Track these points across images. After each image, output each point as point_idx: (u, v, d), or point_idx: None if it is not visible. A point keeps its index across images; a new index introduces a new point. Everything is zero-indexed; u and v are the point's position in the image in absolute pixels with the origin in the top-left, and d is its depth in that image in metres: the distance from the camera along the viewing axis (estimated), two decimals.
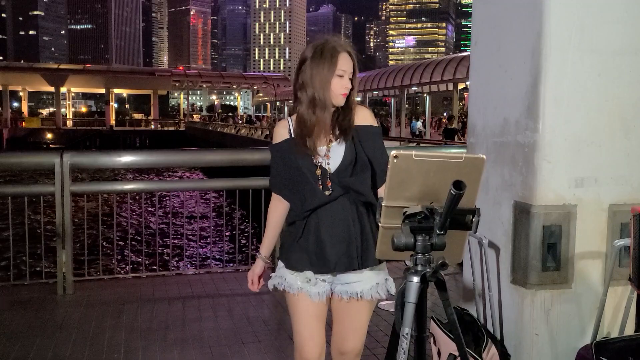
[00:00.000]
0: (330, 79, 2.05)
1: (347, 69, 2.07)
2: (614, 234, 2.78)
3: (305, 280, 2.09)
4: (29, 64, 71.64)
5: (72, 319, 4.02)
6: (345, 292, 2.10)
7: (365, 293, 2.09)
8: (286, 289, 2.14)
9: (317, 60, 2.07)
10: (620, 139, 2.77)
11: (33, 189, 5.08)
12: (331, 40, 2.10)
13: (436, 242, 1.38)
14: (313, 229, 2.06)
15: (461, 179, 1.27)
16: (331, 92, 2.06)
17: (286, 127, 2.17)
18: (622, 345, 2.54)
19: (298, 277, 2.11)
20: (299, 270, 2.10)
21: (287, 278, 2.13)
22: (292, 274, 2.12)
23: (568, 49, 2.66)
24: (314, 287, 2.09)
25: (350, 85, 2.08)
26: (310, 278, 2.09)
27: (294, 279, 2.11)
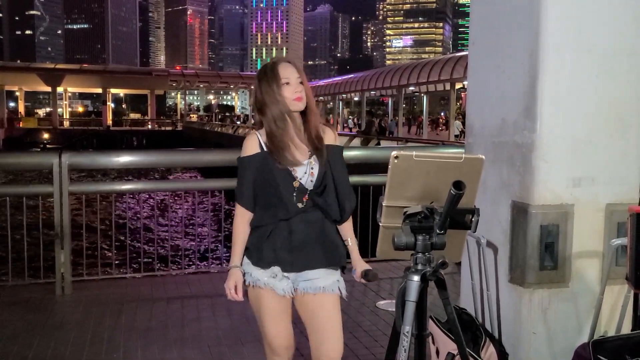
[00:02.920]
0: (278, 91, 2.16)
1: (290, 75, 2.18)
2: (611, 234, 2.80)
3: (271, 276, 2.19)
4: (26, 64, 71.57)
5: (71, 319, 4.03)
6: (310, 288, 2.20)
7: (328, 287, 2.20)
8: (252, 282, 2.22)
9: (262, 80, 2.20)
10: (617, 138, 2.79)
11: (32, 189, 5.09)
12: (272, 60, 2.25)
13: (436, 241, 1.40)
14: (285, 233, 2.17)
15: (460, 179, 1.28)
16: (284, 101, 2.16)
17: (256, 140, 2.23)
18: (619, 343, 2.56)
19: (265, 273, 2.20)
20: (266, 267, 2.19)
21: (254, 273, 2.22)
22: (258, 270, 2.21)
23: (565, 50, 2.68)
24: (279, 282, 2.19)
25: (300, 89, 2.17)
26: (277, 273, 2.19)
27: (260, 274, 2.21)
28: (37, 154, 5.80)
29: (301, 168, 2.17)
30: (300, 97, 2.18)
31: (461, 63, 26.67)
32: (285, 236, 2.17)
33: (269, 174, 2.16)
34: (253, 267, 2.23)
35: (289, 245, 2.18)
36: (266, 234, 2.19)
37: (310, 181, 2.17)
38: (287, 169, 2.15)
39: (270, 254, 2.19)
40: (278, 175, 2.15)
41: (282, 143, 2.16)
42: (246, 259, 2.25)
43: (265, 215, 2.20)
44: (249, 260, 2.25)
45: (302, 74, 2.23)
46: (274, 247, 2.18)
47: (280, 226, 2.18)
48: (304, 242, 2.18)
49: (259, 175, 2.19)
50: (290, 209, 2.15)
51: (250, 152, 2.23)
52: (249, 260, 2.25)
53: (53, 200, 4.52)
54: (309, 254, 2.19)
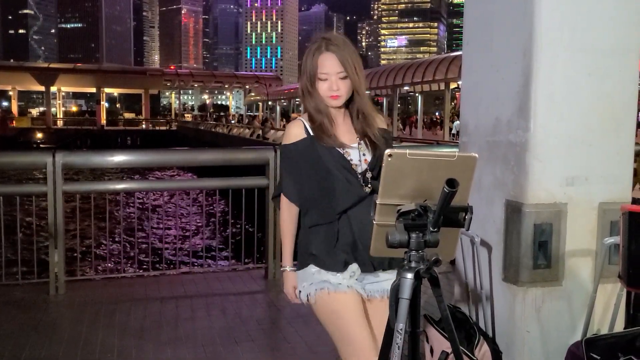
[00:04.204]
0: (314, 84, 2.00)
1: (330, 71, 1.98)
2: (604, 232, 2.81)
3: (351, 276, 1.98)
4: (19, 63, 71.30)
5: (65, 319, 4.01)
6: (377, 291, 2.03)
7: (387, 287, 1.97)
8: (333, 290, 1.98)
9: (303, 65, 2.03)
10: (610, 138, 2.80)
11: (25, 189, 5.08)
12: (319, 40, 2.02)
13: (430, 239, 1.40)
14: (347, 230, 1.97)
15: (454, 177, 1.29)
16: (319, 96, 2.00)
17: (301, 126, 2.05)
18: (611, 341, 2.57)
19: (343, 275, 1.98)
20: (343, 269, 1.98)
21: (332, 280, 1.98)
22: (336, 275, 1.98)
23: (559, 49, 2.69)
24: (360, 282, 2.00)
25: (337, 87, 1.97)
26: (355, 271, 1.98)
27: (339, 279, 1.98)
28: (30, 153, 5.79)
29: (354, 152, 2.00)
30: (336, 95, 1.98)
31: (456, 63, 26.76)
32: (351, 233, 1.96)
33: (318, 160, 1.97)
34: (327, 274, 1.99)
35: (357, 243, 1.96)
36: (333, 236, 1.98)
37: (367, 167, 1.98)
38: (339, 152, 1.97)
39: (343, 255, 1.97)
40: (329, 159, 1.97)
41: (327, 127, 2.01)
42: (314, 267, 2.02)
43: (321, 211, 1.98)
44: (318, 268, 2.01)
45: (348, 64, 1.98)
46: (344, 248, 1.97)
47: (343, 222, 1.97)
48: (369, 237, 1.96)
49: (306, 163, 1.99)
50: (355, 192, 1.94)
51: (294, 138, 2.03)
52: (318, 267, 2.01)
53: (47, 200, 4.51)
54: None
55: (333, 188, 1.95)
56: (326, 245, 1.99)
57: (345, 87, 1.99)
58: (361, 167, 1.99)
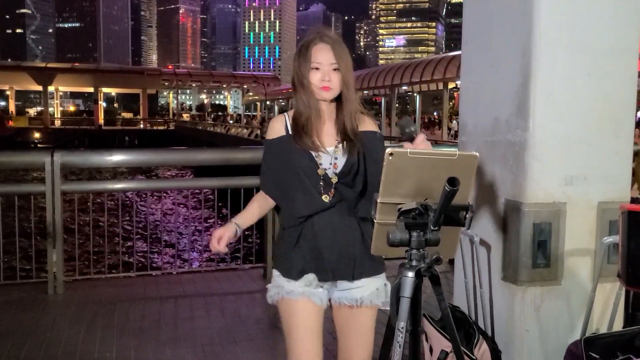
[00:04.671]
0: (306, 74, 1.97)
1: (323, 61, 1.96)
2: (603, 232, 2.81)
3: (306, 284, 1.98)
4: (17, 63, 71.19)
5: (64, 319, 4.01)
6: (345, 299, 2.02)
7: (365, 299, 2.00)
8: (285, 295, 2.00)
9: (297, 55, 2.02)
10: (609, 137, 2.80)
11: (23, 188, 5.06)
12: (313, 34, 2.03)
13: (430, 237, 1.41)
14: (310, 236, 1.96)
15: (455, 175, 1.29)
16: (310, 87, 1.97)
17: (282, 122, 2.06)
18: (610, 340, 2.58)
19: (298, 282, 1.99)
20: (298, 277, 1.98)
21: (286, 286, 2.01)
22: (289, 281, 2.00)
23: (558, 49, 2.69)
24: (315, 289, 1.99)
25: (329, 78, 1.95)
26: (312, 281, 1.98)
27: (294, 286, 2.00)
28: (29, 152, 5.78)
29: (326, 156, 1.97)
30: (327, 87, 1.96)
31: (454, 63, 26.77)
32: (314, 239, 1.96)
33: (290, 162, 1.96)
34: (284, 280, 2.01)
35: (320, 250, 1.95)
36: (293, 241, 1.98)
37: (334, 173, 1.95)
38: (310, 154, 1.95)
39: (301, 261, 1.97)
40: (298, 160, 1.95)
41: (304, 127, 1.98)
42: (275, 272, 2.05)
43: (289, 213, 1.99)
44: (278, 272, 2.03)
45: (341, 58, 1.97)
46: (304, 255, 1.97)
47: (306, 228, 1.96)
48: (337, 246, 1.95)
49: (281, 162, 2.00)
50: (314, 202, 1.93)
51: (272, 135, 2.05)
52: (278, 272, 2.03)
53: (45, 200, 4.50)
54: (345, 261, 1.96)
55: (297, 192, 1.95)
56: (285, 250, 2.01)
57: (336, 80, 1.97)
58: (330, 172, 1.96)
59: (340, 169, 1.96)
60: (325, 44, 1.98)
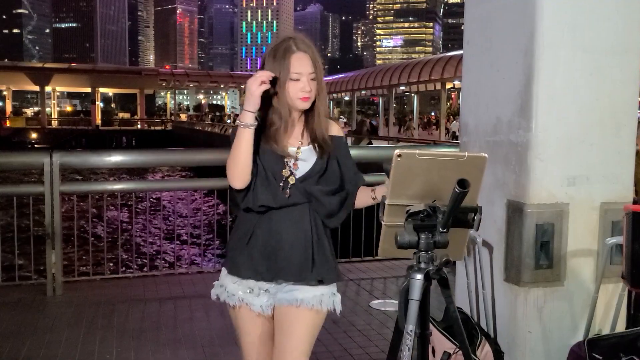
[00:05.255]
0: (283, 85, 1.88)
1: (303, 71, 1.89)
2: (605, 232, 2.81)
3: (247, 291, 1.94)
4: (13, 63, 70.95)
5: (63, 320, 3.99)
6: (286, 300, 1.94)
7: (306, 301, 1.92)
8: (226, 299, 1.97)
9: (270, 63, 1.91)
10: (611, 137, 2.80)
11: (22, 189, 5.03)
12: (287, 40, 1.94)
13: (439, 239, 1.39)
14: (265, 231, 1.91)
15: (463, 177, 1.28)
16: (288, 97, 1.89)
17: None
18: (613, 341, 2.57)
19: (240, 286, 1.95)
20: (242, 278, 1.94)
21: (229, 287, 1.97)
22: (234, 282, 1.95)
23: (560, 48, 2.69)
24: (256, 298, 1.94)
25: (309, 89, 1.89)
26: (253, 288, 1.93)
27: (235, 288, 1.95)
28: (27, 153, 5.75)
29: (291, 152, 1.95)
30: (307, 97, 1.90)
31: (452, 63, 26.79)
32: (267, 237, 1.91)
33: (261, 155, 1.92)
34: (228, 278, 1.97)
35: (270, 249, 1.91)
36: (247, 235, 1.93)
37: (293, 174, 1.92)
38: (275, 154, 1.92)
39: (247, 260, 1.92)
40: (264, 157, 1.92)
41: (274, 136, 1.92)
42: (223, 269, 2.01)
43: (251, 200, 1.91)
44: (225, 270, 1.99)
45: (318, 67, 1.92)
46: (252, 253, 1.92)
47: (263, 222, 1.91)
48: (289, 245, 1.90)
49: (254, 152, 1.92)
50: (276, 195, 1.88)
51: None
52: (225, 269, 1.99)
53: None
54: (293, 263, 1.90)
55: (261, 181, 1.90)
56: (238, 244, 1.95)
57: (314, 89, 1.92)
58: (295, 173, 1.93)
59: (304, 171, 1.93)
60: (304, 53, 1.91)
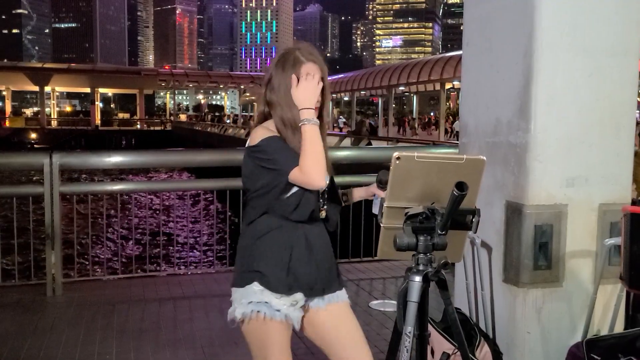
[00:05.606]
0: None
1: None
2: (604, 233, 2.81)
3: (291, 304, 1.88)
4: (13, 63, 70.95)
5: (63, 320, 3.99)
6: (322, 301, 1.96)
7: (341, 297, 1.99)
8: (269, 314, 1.87)
9: (280, 74, 1.91)
10: (610, 138, 2.80)
11: (22, 190, 5.03)
12: (294, 50, 1.95)
13: (437, 242, 1.40)
14: (302, 247, 1.89)
15: (462, 179, 1.29)
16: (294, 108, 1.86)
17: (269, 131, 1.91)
18: (612, 342, 2.58)
19: (285, 300, 1.88)
20: (290, 293, 1.88)
21: (273, 303, 1.87)
22: (278, 297, 1.87)
23: (560, 50, 2.69)
24: (297, 312, 1.90)
25: (318, 99, 1.87)
26: (299, 301, 1.89)
27: (280, 304, 1.87)
28: (27, 154, 5.75)
29: None
30: (317, 107, 1.87)
31: (451, 63, 26.82)
32: (305, 252, 1.89)
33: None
34: (271, 295, 1.87)
35: (311, 264, 1.90)
36: (287, 251, 1.88)
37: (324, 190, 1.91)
38: None
39: (293, 277, 1.87)
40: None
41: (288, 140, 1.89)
42: (257, 286, 1.89)
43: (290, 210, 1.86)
44: (261, 287, 1.88)
45: (325, 75, 1.92)
46: (296, 269, 1.88)
47: (299, 236, 1.89)
48: (322, 260, 1.92)
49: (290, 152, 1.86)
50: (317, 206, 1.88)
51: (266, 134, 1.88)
52: (262, 286, 1.88)
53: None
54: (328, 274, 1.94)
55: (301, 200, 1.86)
56: (276, 262, 1.88)
57: (320, 99, 1.91)
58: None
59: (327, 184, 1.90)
60: (314, 65, 1.91)
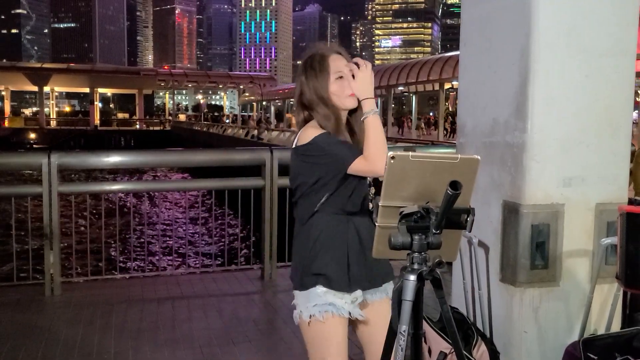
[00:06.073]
0: (326, 85, 1.93)
1: (343, 69, 1.94)
2: (600, 233, 2.82)
3: (352, 301, 1.90)
4: (12, 63, 70.87)
5: (61, 320, 4.00)
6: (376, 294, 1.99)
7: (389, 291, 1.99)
8: (335, 313, 1.88)
9: (309, 73, 1.96)
10: (607, 138, 2.81)
11: (20, 190, 5.04)
12: (316, 49, 2.01)
13: (432, 241, 1.41)
14: (356, 244, 1.92)
15: (456, 179, 1.29)
16: (335, 98, 1.93)
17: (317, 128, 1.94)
18: (608, 341, 2.59)
19: (347, 299, 1.90)
20: (351, 290, 1.90)
21: (337, 303, 1.89)
22: (341, 297, 1.89)
23: (557, 50, 2.70)
24: (357, 308, 1.92)
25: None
26: (358, 297, 1.91)
27: (343, 303, 1.89)
28: (25, 154, 5.76)
29: None
30: (354, 93, 1.92)
31: (450, 63, 26.84)
32: (359, 247, 1.91)
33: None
34: (333, 296, 1.88)
35: (365, 259, 1.91)
36: (343, 251, 1.90)
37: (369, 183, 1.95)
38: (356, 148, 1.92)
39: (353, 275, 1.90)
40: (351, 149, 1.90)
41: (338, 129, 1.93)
42: (321, 288, 1.89)
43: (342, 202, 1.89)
44: (325, 289, 1.88)
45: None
46: (353, 266, 1.91)
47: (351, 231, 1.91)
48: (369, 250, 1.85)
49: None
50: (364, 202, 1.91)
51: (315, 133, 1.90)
52: (325, 288, 1.88)
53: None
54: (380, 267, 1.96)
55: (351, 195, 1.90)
56: (336, 262, 1.90)
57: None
58: None
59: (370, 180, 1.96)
60: (338, 54, 1.98)
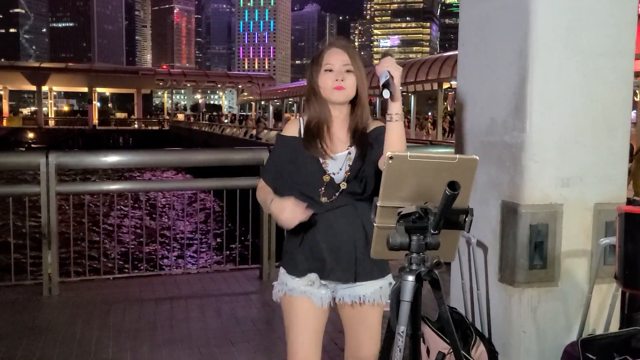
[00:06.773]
0: (317, 78, 2.01)
1: (335, 62, 1.99)
2: (599, 233, 2.82)
3: (308, 284, 2.01)
4: (10, 63, 70.88)
5: (59, 320, 3.99)
6: (348, 296, 2.04)
7: (368, 297, 2.02)
8: (287, 292, 2.04)
9: (311, 63, 2.08)
10: (605, 138, 2.81)
11: (18, 190, 5.02)
12: (326, 43, 2.09)
13: (430, 241, 1.41)
14: (311, 236, 1.99)
15: (454, 179, 1.29)
16: (322, 91, 2.01)
17: (297, 125, 2.09)
18: (607, 341, 2.59)
19: (301, 281, 2.03)
20: (302, 275, 2.02)
21: (289, 283, 2.05)
22: (293, 279, 2.04)
23: (555, 50, 2.70)
24: (317, 290, 2.02)
25: (342, 78, 1.97)
26: (314, 281, 2.01)
27: (296, 283, 2.03)
28: (23, 153, 5.75)
29: (334, 162, 1.99)
30: (340, 86, 1.97)
31: (448, 63, 26.86)
32: (314, 240, 1.99)
33: (298, 163, 2.00)
34: (288, 277, 2.06)
35: (323, 251, 1.98)
36: (298, 239, 2.01)
37: (343, 178, 1.97)
38: (317, 160, 1.98)
39: (304, 261, 2.01)
40: (306, 165, 1.99)
41: (316, 133, 2.01)
42: (281, 269, 2.10)
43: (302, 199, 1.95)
44: (284, 270, 2.08)
45: (354, 60, 2.01)
46: (307, 254, 2.01)
47: (308, 229, 1.98)
48: (339, 248, 1.97)
49: (291, 161, 2.03)
50: (315, 205, 1.94)
51: (287, 133, 2.09)
52: (284, 269, 2.08)
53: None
54: (344, 263, 1.98)
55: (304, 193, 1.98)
56: (291, 248, 2.05)
57: (350, 81, 1.99)
58: (338, 177, 1.98)
59: (349, 174, 1.97)
60: (338, 48, 2.03)
